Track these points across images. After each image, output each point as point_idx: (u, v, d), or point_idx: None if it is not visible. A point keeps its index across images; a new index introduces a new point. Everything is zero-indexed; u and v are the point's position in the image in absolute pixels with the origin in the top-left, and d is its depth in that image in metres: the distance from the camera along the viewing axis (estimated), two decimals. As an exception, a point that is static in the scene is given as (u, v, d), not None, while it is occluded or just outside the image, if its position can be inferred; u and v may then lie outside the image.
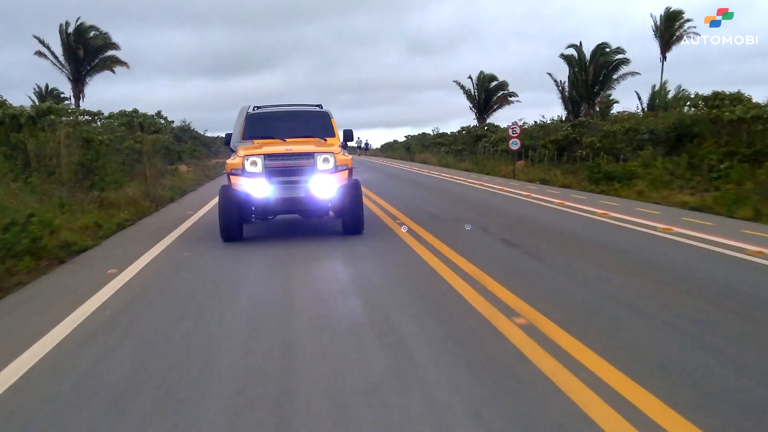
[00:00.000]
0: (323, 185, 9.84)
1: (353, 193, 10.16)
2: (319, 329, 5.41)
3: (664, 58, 40.14)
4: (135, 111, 29.77)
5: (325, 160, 9.79)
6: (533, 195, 17.43)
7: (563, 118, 38.08)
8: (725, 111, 21.09)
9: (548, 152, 30.38)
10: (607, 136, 26.62)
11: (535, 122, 38.11)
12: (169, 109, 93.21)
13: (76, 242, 8.92)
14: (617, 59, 41.23)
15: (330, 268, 8.09)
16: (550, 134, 32.47)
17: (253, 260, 8.29)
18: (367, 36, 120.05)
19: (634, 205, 14.32)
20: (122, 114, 28.62)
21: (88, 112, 23.21)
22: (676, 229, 10.11)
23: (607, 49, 41.36)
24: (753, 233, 10.03)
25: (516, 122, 34.97)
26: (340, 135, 10.93)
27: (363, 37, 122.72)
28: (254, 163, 9.67)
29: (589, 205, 14.29)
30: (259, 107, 11.74)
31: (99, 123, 23.25)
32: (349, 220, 10.28)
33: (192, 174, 26.13)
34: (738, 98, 23.37)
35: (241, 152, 10.06)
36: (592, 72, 41.12)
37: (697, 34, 37.23)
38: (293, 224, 11.79)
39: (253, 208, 10.13)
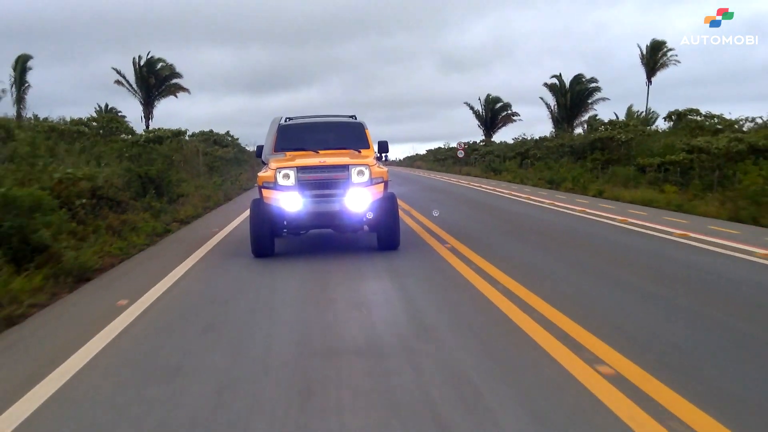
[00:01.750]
0: (358, 199, 9.07)
1: (389, 206, 9.33)
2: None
3: (649, 82, 44.74)
4: (211, 131, 38.40)
5: (360, 172, 9.09)
6: (514, 192, 22.74)
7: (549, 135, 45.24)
8: (618, 133, 29.74)
9: (514, 160, 40.86)
10: (547, 149, 37.95)
11: (522, 138, 46.61)
12: (207, 124, 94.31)
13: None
14: (591, 87, 47.85)
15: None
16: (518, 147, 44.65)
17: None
18: (402, 53, 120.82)
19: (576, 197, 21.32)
20: (202, 133, 36.89)
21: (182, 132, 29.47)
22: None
23: (583, 79, 48.02)
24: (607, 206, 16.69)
25: (460, 142, 52.35)
26: (375, 147, 10.17)
27: (398, 54, 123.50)
28: (287, 176, 8.98)
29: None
30: (291, 118, 10.94)
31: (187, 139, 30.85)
32: (385, 235, 9.45)
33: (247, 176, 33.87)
34: (626, 124, 33.11)
35: (273, 165, 9.35)
36: (569, 98, 47.86)
37: (678, 61, 43.74)
38: (327, 239, 10.88)
39: (285, 223, 9.26)
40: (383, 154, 10.62)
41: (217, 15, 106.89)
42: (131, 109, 76.11)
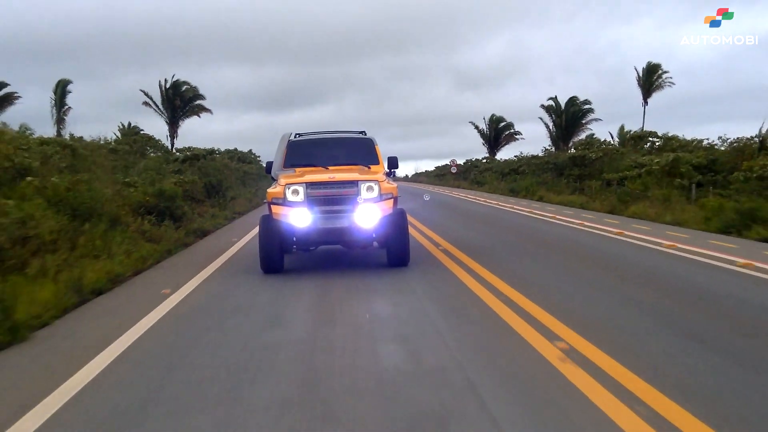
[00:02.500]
0: (367, 215, 8.82)
1: (399, 222, 9.05)
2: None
3: (645, 103, 46.22)
4: (236, 149, 40.79)
5: (370, 188, 8.87)
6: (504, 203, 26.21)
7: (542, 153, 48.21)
8: (589, 152, 33.22)
9: (494, 174, 46.30)
10: (535, 166, 41.04)
11: (519, 156, 49.58)
12: (224, 140, 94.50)
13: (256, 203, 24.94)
14: (585, 108, 50.57)
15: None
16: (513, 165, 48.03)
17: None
18: (418, 71, 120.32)
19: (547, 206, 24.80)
20: (228, 151, 38.70)
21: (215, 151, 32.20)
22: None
23: (577, 101, 50.71)
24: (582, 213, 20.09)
25: (453, 159, 59.33)
26: (385, 162, 10.01)
27: (413, 72, 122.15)
28: (296, 192, 8.77)
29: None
30: (300, 134, 10.71)
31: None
32: (395, 252, 9.15)
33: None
34: (598, 143, 36.35)
35: (282, 180, 9.12)
36: (564, 119, 50.66)
37: (672, 83, 45.38)
38: (336, 255, 10.61)
39: (294, 239, 9.07)
40: (392, 170, 10.30)
41: (235, 34, 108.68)
42: (151, 127, 78.48)
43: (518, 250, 11.30)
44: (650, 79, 45.79)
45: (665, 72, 45.49)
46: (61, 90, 44.60)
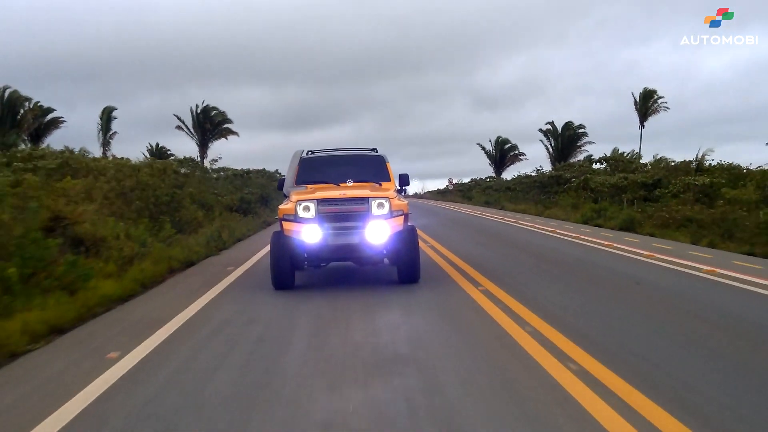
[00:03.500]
0: (378, 231, 8.58)
1: (409, 239, 8.80)
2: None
3: (642, 126, 48.63)
4: (264, 169, 40.73)
5: (380, 205, 8.65)
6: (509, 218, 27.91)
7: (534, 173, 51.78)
8: (564, 172, 39.47)
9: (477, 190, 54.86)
10: (525, 184, 46.09)
11: (517, 175, 53.66)
12: (243, 159, 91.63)
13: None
14: (579, 132, 55.19)
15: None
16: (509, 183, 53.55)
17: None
18: (435, 92, 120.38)
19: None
20: (257, 171, 39.14)
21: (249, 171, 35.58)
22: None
23: (572, 126, 55.10)
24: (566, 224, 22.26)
25: (450, 178, 68.70)
26: (396, 180, 9.91)
27: (431, 93, 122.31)
28: (307, 209, 8.56)
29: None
30: (312, 151, 10.54)
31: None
32: (405, 268, 8.88)
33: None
34: (578, 164, 42.48)
35: (293, 197, 8.88)
36: (560, 142, 54.96)
37: (667, 107, 48.14)
38: (346, 272, 10.36)
39: (305, 255, 8.81)
40: (404, 187, 10.02)
41: (256, 56, 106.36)
42: (174, 146, 75.17)
43: (462, 233, 18.65)
44: (646, 104, 47.80)
45: (660, 97, 48.30)
46: (107, 116, 47.81)
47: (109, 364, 5.12)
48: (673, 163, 32.00)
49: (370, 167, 9.91)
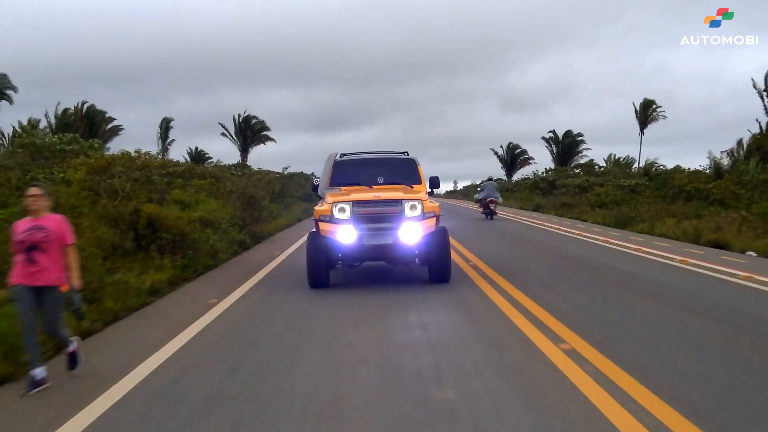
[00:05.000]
0: (410, 232, 8.48)
1: (440, 240, 8.67)
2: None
3: (642, 133, 51.73)
4: (302, 172, 43.64)
5: (413, 206, 8.59)
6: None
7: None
8: (550, 176, 44.34)
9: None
10: (518, 185, 50.68)
11: (521, 178, 57.21)
12: (273, 160, 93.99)
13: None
14: (578, 139, 60.10)
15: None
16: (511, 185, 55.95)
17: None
18: (464, 94, 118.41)
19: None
20: (293, 173, 41.95)
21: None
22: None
23: (572, 134, 60.04)
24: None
25: (456, 180, 73.54)
26: (426, 182, 9.91)
27: (459, 95, 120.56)
28: (342, 210, 8.52)
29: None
30: (346, 154, 10.45)
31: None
32: (436, 268, 8.74)
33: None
34: (556, 169, 47.96)
35: (329, 199, 8.83)
36: (561, 148, 59.53)
37: (665, 116, 51.04)
38: (379, 271, 10.28)
39: (340, 255, 8.73)
40: (433, 189, 9.81)
41: (288, 59, 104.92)
42: (209, 146, 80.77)
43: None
44: (646, 112, 50.35)
45: (659, 107, 51.09)
46: (165, 125, 51.84)
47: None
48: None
49: (401, 170, 9.70)
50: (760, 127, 32.59)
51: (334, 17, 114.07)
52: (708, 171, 28.56)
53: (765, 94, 33.22)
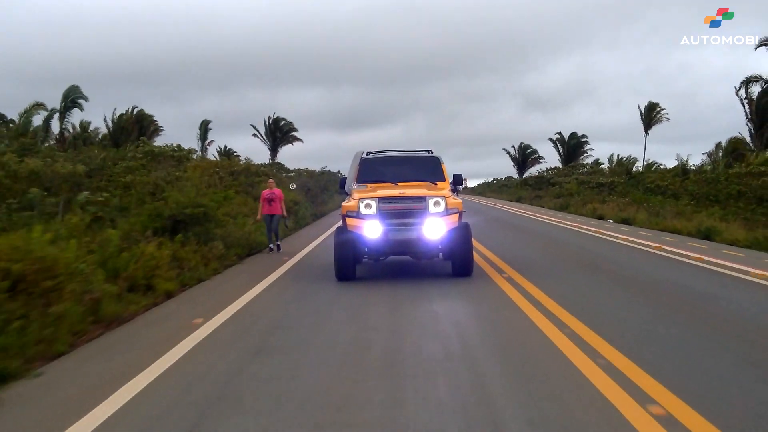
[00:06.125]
0: (434, 228, 8.51)
1: (463, 235, 8.67)
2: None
3: (646, 134, 53.07)
4: (328, 170, 43.92)
5: (437, 203, 8.65)
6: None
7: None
8: (544, 175, 51.70)
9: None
10: (523, 183, 54.30)
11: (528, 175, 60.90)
12: (297, 159, 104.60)
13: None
14: (582, 141, 63.73)
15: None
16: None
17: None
18: (486, 93, 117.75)
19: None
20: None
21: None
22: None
23: (577, 135, 63.72)
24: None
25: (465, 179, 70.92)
26: (450, 180, 9.98)
27: (481, 95, 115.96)
28: (369, 206, 8.62)
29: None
30: (371, 152, 10.53)
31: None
32: (459, 263, 8.75)
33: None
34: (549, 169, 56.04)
35: (356, 195, 8.90)
36: (566, 149, 63.08)
37: (668, 118, 52.00)
38: (403, 265, 10.33)
39: (366, 249, 8.79)
40: (457, 186, 9.81)
41: (312, 59, 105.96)
42: (235, 144, 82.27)
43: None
44: (650, 114, 51.85)
45: (663, 109, 52.45)
46: (204, 128, 54.76)
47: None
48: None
49: (426, 167, 9.45)
50: (750, 131, 34.54)
51: (358, 19, 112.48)
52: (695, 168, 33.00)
53: (746, 101, 34.58)
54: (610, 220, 21.67)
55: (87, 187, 12.74)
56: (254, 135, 58.51)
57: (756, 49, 31.30)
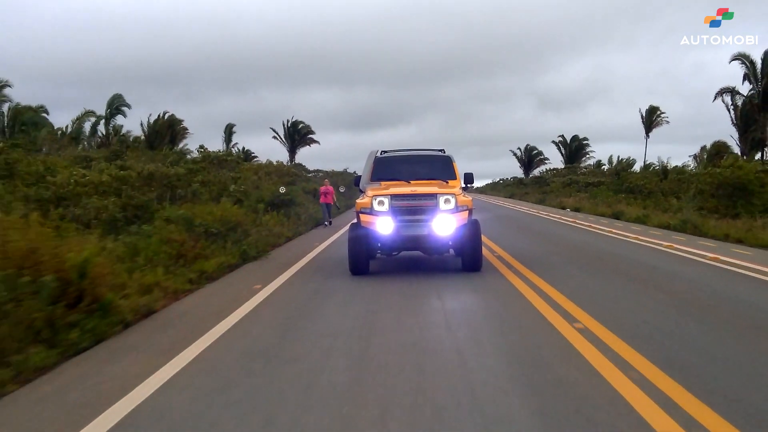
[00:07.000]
0: (445, 224, 8.61)
1: (473, 231, 8.77)
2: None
3: (647, 136, 54.19)
4: (345, 169, 44.42)
5: (447, 200, 8.78)
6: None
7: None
8: (544, 175, 50.49)
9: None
10: (532, 182, 54.54)
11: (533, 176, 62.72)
12: (312, 158, 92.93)
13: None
14: (584, 143, 66.36)
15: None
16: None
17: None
18: (499, 94, 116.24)
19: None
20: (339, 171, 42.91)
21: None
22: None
23: (578, 138, 66.23)
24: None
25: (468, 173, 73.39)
26: (461, 178, 10.10)
27: (495, 95, 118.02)
28: (381, 203, 8.72)
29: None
30: (386, 151, 10.65)
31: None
32: (469, 258, 8.86)
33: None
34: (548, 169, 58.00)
35: (369, 192, 9.01)
36: (569, 151, 65.51)
37: (667, 121, 53.32)
38: (415, 260, 10.48)
39: (379, 245, 8.87)
40: (468, 185, 9.91)
41: (327, 60, 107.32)
42: (252, 146, 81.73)
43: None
44: (651, 117, 53.03)
45: (663, 112, 53.81)
46: (229, 131, 57.16)
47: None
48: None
49: (438, 166, 9.28)
50: (738, 135, 36.87)
51: (373, 19, 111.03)
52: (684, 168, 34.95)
53: (731, 107, 36.54)
54: (568, 209, 28.00)
55: (189, 183, 16.32)
56: (274, 137, 59.96)
57: (729, 63, 34.02)
